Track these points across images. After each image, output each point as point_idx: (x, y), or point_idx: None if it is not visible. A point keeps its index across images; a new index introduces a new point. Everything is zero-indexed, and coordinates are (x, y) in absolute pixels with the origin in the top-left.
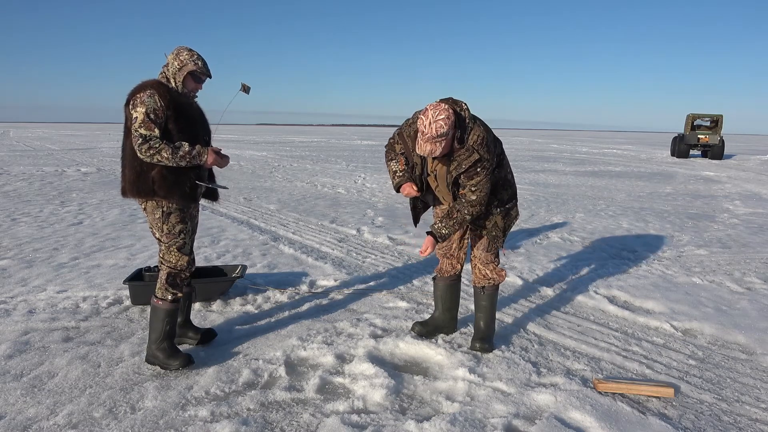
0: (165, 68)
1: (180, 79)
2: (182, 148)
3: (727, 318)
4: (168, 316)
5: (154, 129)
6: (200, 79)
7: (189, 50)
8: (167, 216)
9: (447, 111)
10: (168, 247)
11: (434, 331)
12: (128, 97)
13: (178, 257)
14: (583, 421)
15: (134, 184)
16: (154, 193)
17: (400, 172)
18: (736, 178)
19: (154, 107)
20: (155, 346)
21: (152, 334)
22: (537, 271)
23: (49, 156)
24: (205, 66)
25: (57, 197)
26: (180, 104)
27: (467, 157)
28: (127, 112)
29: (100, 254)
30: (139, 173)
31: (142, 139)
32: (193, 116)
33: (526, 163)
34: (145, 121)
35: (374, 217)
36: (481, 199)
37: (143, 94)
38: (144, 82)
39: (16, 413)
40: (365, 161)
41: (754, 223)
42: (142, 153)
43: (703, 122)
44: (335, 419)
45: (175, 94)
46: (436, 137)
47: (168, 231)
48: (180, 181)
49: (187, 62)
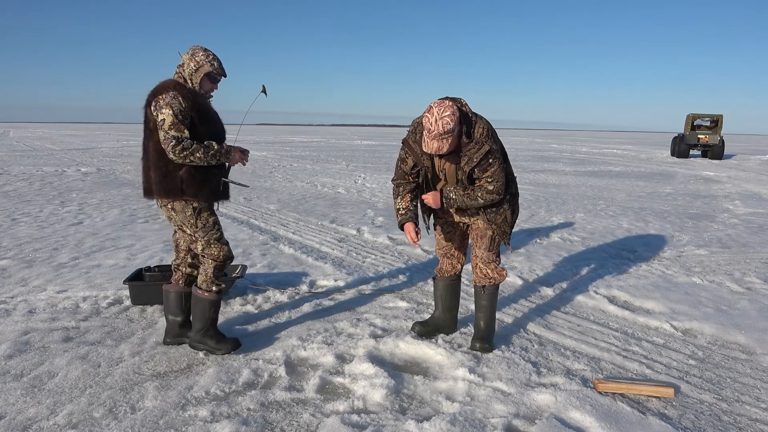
0: (180, 68)
1: (197, 81)
2: (212, 146)
3: (727, 318)
4: (215, 305)
5: (184, 130)
6: (216, 80)
7: (204, 50)
8: (198, 212)
9: (452, 107)
10: (207, 241)
11: (434, 331)
12: (149, 98)
13: (220, 248)
14: (583, 421)
15: (161, 185)
16: (183, 192)
17: (403, 210)
18: (736, 178)
19: (180, 108)
20: (202, 334)
21: (198, 323)
22: (537, 271)
23: (49, 156)
24: (220, 66)
25: (57, 197)
26: (201, 104)
27: (477, 150)
28: (148, 114)
29: (100, 254)
30: (165, 174)
31: (176, 141)
32: (214, 116)
33: (526, 163)
34: (174, 122)
35: (374, 217)
36: (498, 188)
37: (166, 95)
38: (164, 84)
39: (16, 413)
40: (365, 161)
41: (754, 223)
42: (176, 155)
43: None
44: (335, 419)
45: (196, 95)
46: (443, 134)
47: (203, 226)
48: (207, 180)
49: (204, 63)
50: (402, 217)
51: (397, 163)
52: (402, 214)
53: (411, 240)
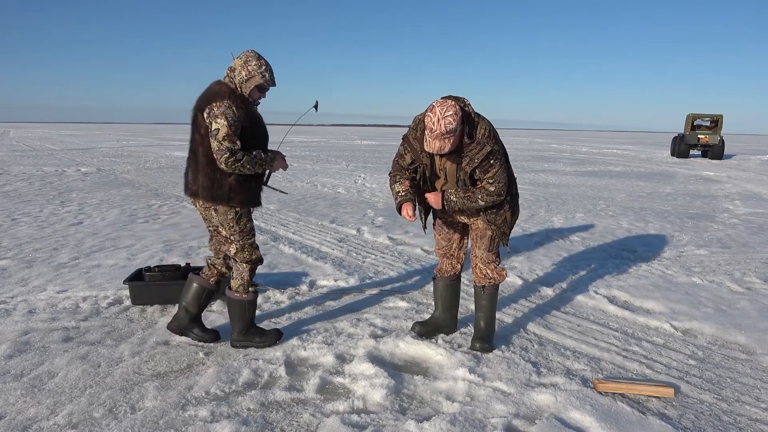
0: (231, 72)
1: (247, 90)
2: (259, 156)
3: (727, 318)
4: (252, 305)
5: (237, 141)
6: (265, 89)
7: (258, 59)
8: (239, 216)
9: (454, 107)
10: (242, 245)
11: (434, 331)
12: (201, 103)
13: (252, 251)
14: (583, 421)
15: (209, 190)
16: (230, 199)
17: (403, 192)
18: (736, 178)
19: (234, 119)
20: (245, 334)
21: (239, 324)
22: (537, 271)
23: (49, 156)
24: (272, 77)
25: (57, 197)
26: (252, 114)
27: (479, 151)
28: (200, 119)
29: (100, 254)
30: (213, 180)
31: (230, 152)
32: (262, 125)
33: (526, 163)
34: (229, 134)
35: (374, 217)
36: (500, 189)
37: (221, 104)
38: (219, 90)
39: (16, 413)
40: (365, 161)
41: (754, 223)
42: (228, 165)
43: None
44: (335, 419)
45: (247, 104)
46: (445, 133)
47: (241, 230)
48: (252, 187)
49: (255, 74)
50: (401, 198)
51: (394, 158)
52: (401, 196)
53: (407, 215)
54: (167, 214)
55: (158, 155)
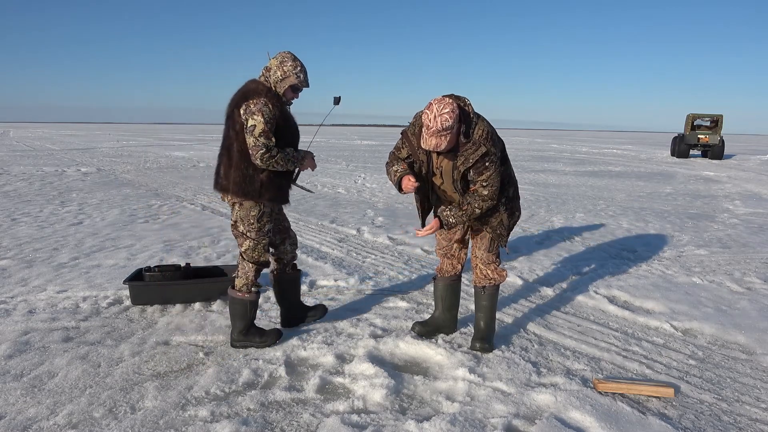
0: (267, 72)
1: (281, 90)
2: (291, 153)
3: (727, 318)
4: (253, 305)
5: (272, 138)
6: (299, 90)
7: (293, 60)
8: (262, 215)
9: (451, 105)
10: (256, 244)
11: (434, 331)
12: (238, 99)
13: (262, 253)
14: (583, 421)
15: (240, 186)
16: (261, 195)
17: (401, 170)
18: (736, 178)
19: (270, 117)
20: (245, 333)
21: (239, 324)
22: (537, 271)
23: (49, 156)
24: (305, 79)
25: (57, 197)
26: (285, 112)
27: (474, 151)
28: (236, 116)
29: (100, 254)
30: (245, 176)
31: (266, 148)
32: (294, 124)
33: (526, 163)
34: (265, 130)
35: (374, 217)
36: (493, 193)
37: (258, 101)
38: (255, 88)
39: (16, 413)
40: (365, 161)
41: (754, 223)
42: (263, 161)
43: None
44: (335, 419)
45: (281, 103)
46: (441, 131)
47: (259, 229)
48: (282, 185)
49: (290, 74)
50: (400, 173)
51: (392, 150)
52: (400, 172)
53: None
54: (167, 214)
55: (158, 155)
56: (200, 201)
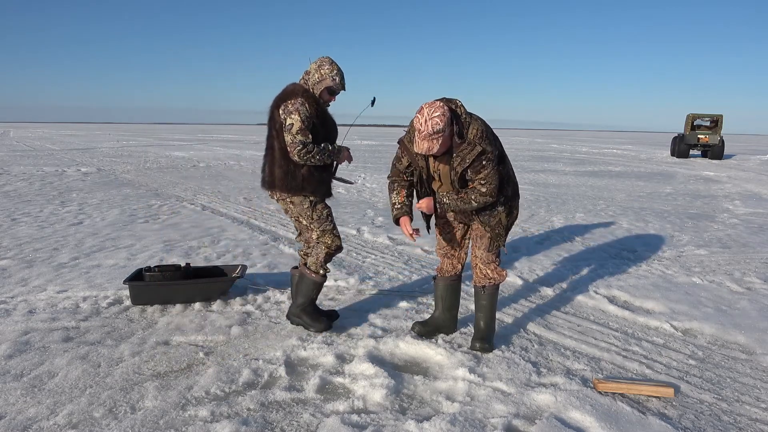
0: (306, 75)
1: (318, 92)
2: (327, 147)
3: (727, 318)
4: (318, 287)
5: (309, 135)
6: (335, 93)
7: (330, 64)
8: (314, 205)
9: (442, 108)
10: (323, 230)
11: (434, 331)
12: (278, 100)
13: (332, 238)
14: (583, 421)
15: (284, 181)
16: (303, 189)
17: (399, 204)
18: (736, 178)
19: (307, 115)
20: (301, 309)
21: (300, 299)
22: (537, 271)
23: (50, 156)
24: (341, 82)
25: (57, 197)
26: (323, 112)
27: (470, 151)
28: (276, 115)
29: (100, 254)
30: (287, 172)
31: (302, 145)
32: (331, 121)
33: (526, 163)
34: (302, 129)
35: (374, 217)
36: (492, 190)
37: (296, 101)
38: (293, 89)
39: (16, 413)
40: (365, 161)
41: (754, 223)
42: (300, 157)
43: (703, 122)
44: (335, 419)
45: (318, 103)
46: (432, 134)
47: (318, 217)
48: (323, 178)
49: (326, 77)
50: (398, 211)
51: (393, 162)
52: (398, 209)
53: (407, 233)
54: (167, 214)
55: (158, 155)
56: (200, 201)
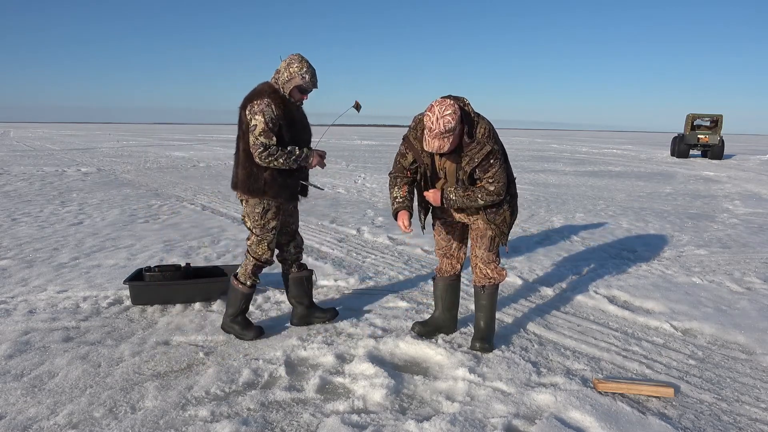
0: (277, 74)
1: (287, 91)
2: (294, 152)
3: (727, 318)
4: (245, 297)
5: (272, 137)
6: (306, 91)
7: (300, 62)
8: (266, 212)
9: (453, 106)
10: (260, 240)
11: (434, 331)
12: (245, 101)
13: (265, 250)
14: (583, 421)
15: (246, 183)
16: (264, 193)
17: (400, 199)
18: (736, 178)
19: (272, 116)
20: (231, 319)
21: (229, 308)
22: (537, 271)
23: (50, 156)
24: (312, 80)
25: (57, 197)
26: (291, 112)
27: (479, 150)
28: (242, 116)
29: (101, 254)
30: (250, 174)
31: (263, 147)
32: (301, 122)
33: (526, 163)
34: (265, 130)
35: (374, 217)
36: (500, 189)
37: (261, 102)
38: (261, 89)
39: (16, 413)
40: (365, 161)
41: (754, 223)
42: (262, 160)
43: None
44: (335, 419)
45: (287, 103)
46: (444, 132)
47: (263, 225)
48: (287, 183)
49: (296, 75)
50: (398, 204)
51: (396, 158)
52: (399, 202)
53: (403, 226)
54: (167, 214)
55: (158, 155)
56: (200, 201)
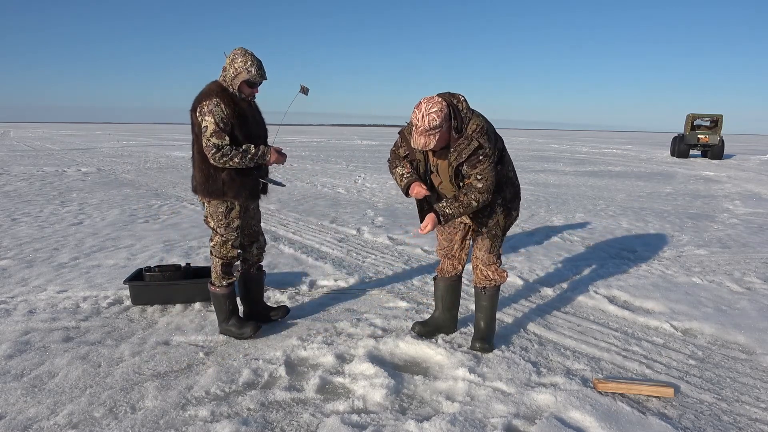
0: (224, 72)
1: (235, 87)
2: (249, 150)
3: (727, 318)
4: (228, 298)
5: (225, 137)
6: (255, 85)
7: (243, 55)
8: (229, 212)
9: (440, 103)
10: (224, 241)
11: (434, 331)
12: (194, 103)
13: (230, 249)
14: (583, 421)
15: (204, 185)
16: (225, 194)
17: (407, 174)
18: (736, 178)
19: (222, 116)
20: (225, 326)
21: (219, 315)
22: (537, 271)
23: (50, 156)
24: (258, 72)
25: (57, 197)
26: (242, 110)
27: (467, 146)
28: (193, 119)
29: (101, 254)
30: (207, 176)
31: (216, 148)
32: (254, 119)
33: (526, 163)
34: (216, 131)
35: (374, 217)
36: (488, 187)
37: (209, 102)
38: (209, 89)
39: (16, 413)
40: (365, 161)
41: (754, 223)
42: (216, 161)
43: (703, 122)
44: (335, 419)
45: (237, 100)
46: (429, 130)
47: (227, 225)
48: (246, 182)
49: (242, 70)
50: (407, 179)
51: (391, 149)
52: (407, 177)
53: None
54: (167, 214)
55: (158, 155)
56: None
